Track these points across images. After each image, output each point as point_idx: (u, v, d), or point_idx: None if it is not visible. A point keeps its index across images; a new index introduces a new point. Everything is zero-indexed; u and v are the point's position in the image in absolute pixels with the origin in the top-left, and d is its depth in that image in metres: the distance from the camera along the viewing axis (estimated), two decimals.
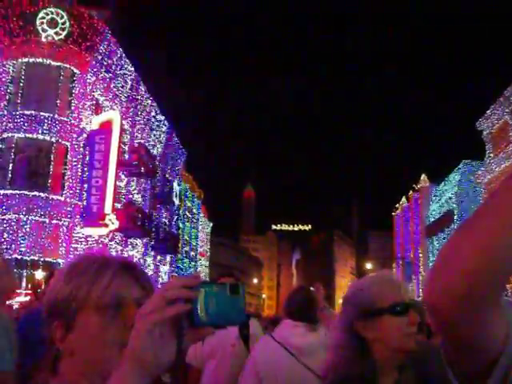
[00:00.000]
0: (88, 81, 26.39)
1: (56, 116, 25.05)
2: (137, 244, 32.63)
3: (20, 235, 23.04)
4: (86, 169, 25.93)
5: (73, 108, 25.73)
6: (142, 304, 0.91)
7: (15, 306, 15.54)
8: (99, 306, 1.09)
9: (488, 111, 37.86)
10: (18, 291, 21.73)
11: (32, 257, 23.10)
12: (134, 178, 32.26)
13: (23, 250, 22.91)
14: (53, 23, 25.02)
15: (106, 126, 26.58)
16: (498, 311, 0.82)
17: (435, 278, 0.80)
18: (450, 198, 46.65)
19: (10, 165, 24.04)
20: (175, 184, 40.81)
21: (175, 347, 0.89)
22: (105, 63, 27.56)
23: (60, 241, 24.14)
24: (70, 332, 1.11)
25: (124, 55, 29.31)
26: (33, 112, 24.50)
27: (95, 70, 26.85)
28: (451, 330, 0.82)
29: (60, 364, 1.12)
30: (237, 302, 0.91)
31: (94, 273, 1.13)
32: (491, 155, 38.29)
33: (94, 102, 27.31)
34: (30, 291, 21.58)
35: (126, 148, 30.78)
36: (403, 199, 63.84)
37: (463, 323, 0.79)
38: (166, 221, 39.89)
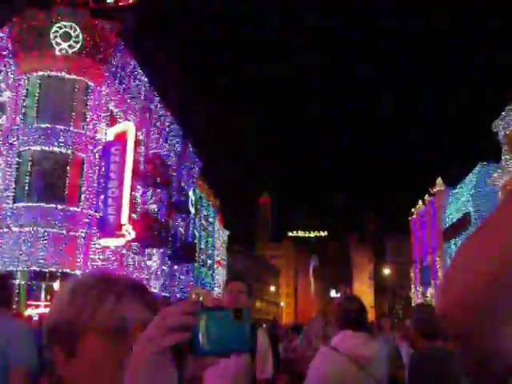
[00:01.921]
0: (102, 92, 26.64)
1: (71, 128, 25.28)
2: (153, 254, 32.73)
3: (38, 247, 23.26)
4: (101, 180, 26.11)
5: (88, 120, 25.97)
6: None
7: (35, 318, 15.70)
8: (104, 330, 1.02)
9: (503, 112, 37.55)
10: (38, 303, 22.02)
11: (50, 268, 23.29)
12: (150, 188, 32.42)
13: (41, 261, 23.12)
14: (66, 36, 25.32)
15: (121, 137, 26.77)
16: None
17: (448, 290, 0.79)
18: (467, 201, 46.21)
19: (27, 178, 24.30)
20: (191, 193, 40.89)
21: (176, 377, 0.83)
22: (119, 75, 27.81)
23: (77, 252, 24.29)
24: (72, 357, 1.02)
25: (137, 66, 29.55)
26: (48, 125, 24.74)
27: (109, 81, 27.09)
28: (468, 343, 0.82)
29: None
30: (241, 328, 0.84)
31: (98, 294, 1.05)
32: (507, 157, 37.89)
33: (109, 114, 27.55)
34: (49, 303, 21.83)
35: (141, 158, 30.96)
36: (419, 203, 63.41)
37: (480, 335, 0.79)
38: (183, 230, 39.99)
